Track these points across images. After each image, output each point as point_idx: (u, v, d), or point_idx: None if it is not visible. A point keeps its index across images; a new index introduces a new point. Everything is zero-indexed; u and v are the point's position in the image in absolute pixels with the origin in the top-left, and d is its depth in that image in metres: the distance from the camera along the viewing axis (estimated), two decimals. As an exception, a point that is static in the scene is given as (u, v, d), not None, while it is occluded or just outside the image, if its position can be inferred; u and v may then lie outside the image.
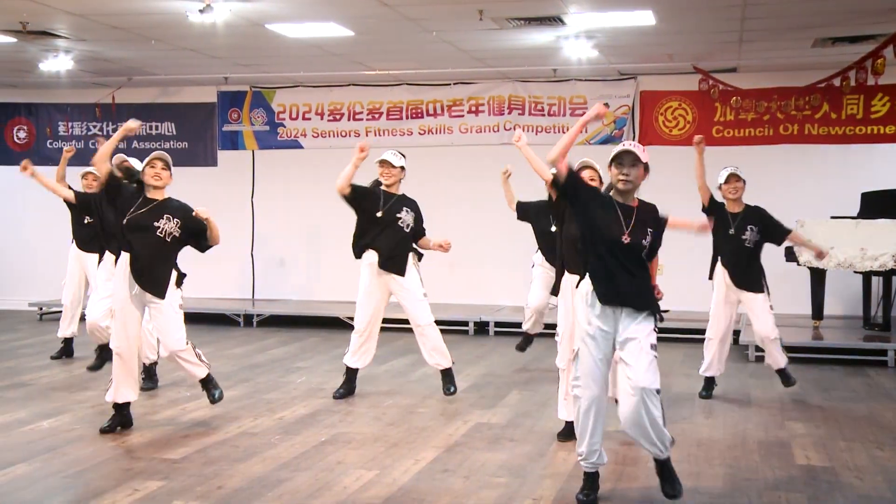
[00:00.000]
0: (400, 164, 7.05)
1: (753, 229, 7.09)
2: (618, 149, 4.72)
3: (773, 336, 7.15)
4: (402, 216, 7.04)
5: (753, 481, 5.14)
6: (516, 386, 7.77)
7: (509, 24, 8.36)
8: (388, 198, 7.07)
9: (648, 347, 4.59)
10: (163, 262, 5.96)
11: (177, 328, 6.03)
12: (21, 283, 12.80)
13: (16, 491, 4.88)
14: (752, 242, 7.10)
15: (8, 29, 8.70)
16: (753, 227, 7.09)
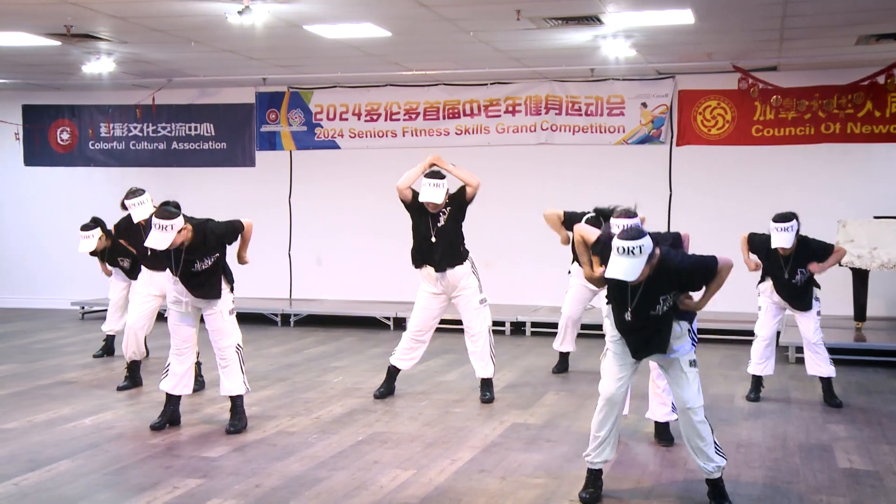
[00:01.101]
0: (444, 194, 6.89)
1: (804, 272, 6.96)
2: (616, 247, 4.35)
3: (814, 340, 7.04)
4: (442, 221, 7.02)
5: (794, 484, 5.08)
6: (553, 387, 7.74)
7: (547, 23, 8.33)
8: (436, 218, 7.00)
9: (688, 366, 4.61)
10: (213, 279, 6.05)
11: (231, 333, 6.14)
12: (64, 282, 12.99)
13: (60, 486, 4.96)
14: (802, 282, 7.01)
15: (53, 32, 8.83)
16: (804, 269, 6.95)
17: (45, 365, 8.62)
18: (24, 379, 7.95)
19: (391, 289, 12.01)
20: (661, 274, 4.48)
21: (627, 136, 11.26)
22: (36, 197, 13.25)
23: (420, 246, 7.08)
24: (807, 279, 7.00)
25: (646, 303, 4.51)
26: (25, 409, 6.80)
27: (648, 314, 4.53)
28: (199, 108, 12.66)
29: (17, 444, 5.80)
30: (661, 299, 4.52)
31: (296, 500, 4.74)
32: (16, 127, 13.00)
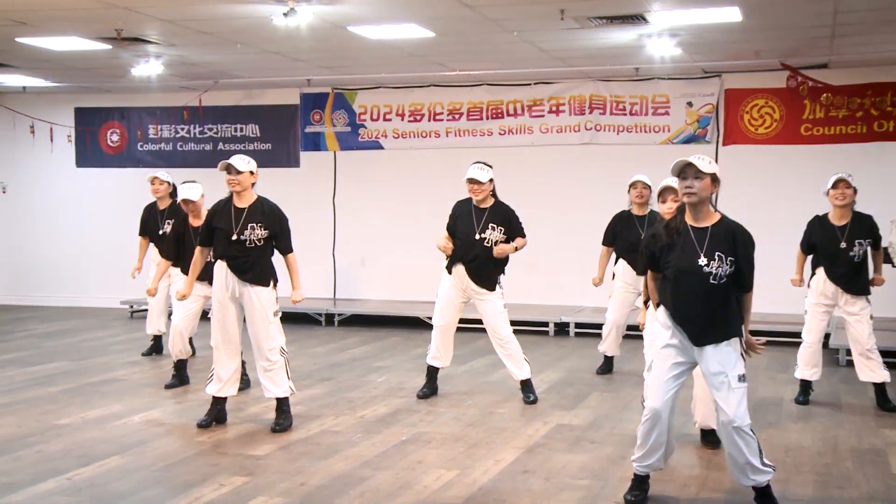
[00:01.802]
0: (488, 178, 6.97)
1: (863, 243, 6.81)
2: (677, 163, 4.50)
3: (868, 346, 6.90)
4: (487, 235, 7.00)
5: (846, 490, 4.99)
6: (597, 388, 7.70)
7: (591, 22, 8.28)
8: (480, 215, 7.02)
9: (736, 381, 4.49)
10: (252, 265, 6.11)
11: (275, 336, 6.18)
12: (113, 281, 13.19)
13: (110, 482, 5.04)
14: (860, 257, 6.85)
15: (104, 36, 8.99)
16: (863, 240, 6.80)
17: (96, 363, 8.77)
18: (75, 376, 8.09)
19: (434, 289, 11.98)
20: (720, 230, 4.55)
21: (672, 135, 11.16)
22: (87, 197, 13.48)
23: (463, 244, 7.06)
24: (863, 255, 6.82)
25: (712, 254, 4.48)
26: (77, 405, 6.92)
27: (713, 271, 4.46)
28: (245, 110, 12.79)
29: (70, 439, 5.91)
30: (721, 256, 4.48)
31: (340, 499, 4.77)
32: (68, 129, 13.25)
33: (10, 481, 5.02)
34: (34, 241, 13.72)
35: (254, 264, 6.09)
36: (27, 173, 13.64)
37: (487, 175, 6.96)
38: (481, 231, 6.99)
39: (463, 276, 7.07)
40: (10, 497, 4.76)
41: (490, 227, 6.99)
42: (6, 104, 13.29)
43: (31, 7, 7.83)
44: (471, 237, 6.99)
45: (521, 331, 7.34)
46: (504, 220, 7.04)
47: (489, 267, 7.03)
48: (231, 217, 6.08)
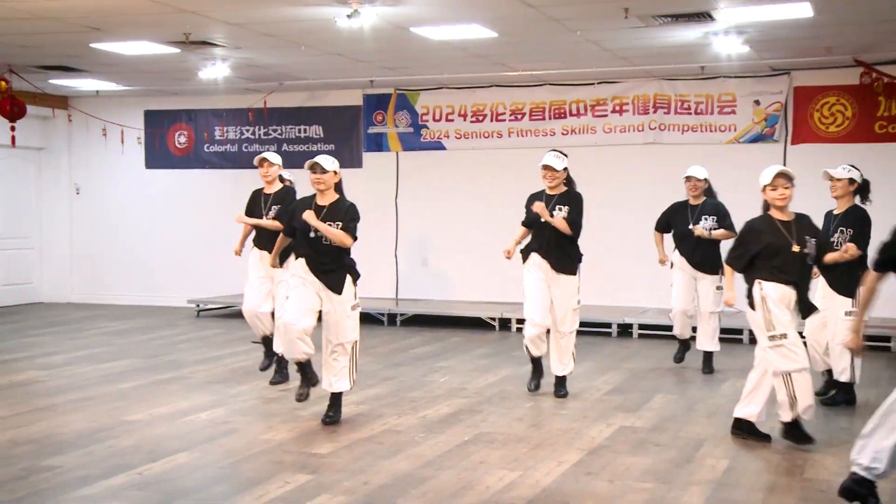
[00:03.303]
0: (562, 167, 7.07)
1: None
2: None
3: None
4: (555, 215, 7.06)
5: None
6: (661, 389, 7.61)
7: (656, 21, 8.19)
8: (549, 199, 7.12)
9: None
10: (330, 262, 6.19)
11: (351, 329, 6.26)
12: (180, 280, 13.46)
13: (178, 478, 5.14)
14: None
15: (173, 40, 9.18)
16: None
17: (164, 360, 8.94)
18: (144, 373, 8.27)
19: (497, 289, 12.02)
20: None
21: (739, 134, 10.98)
22: (155, 198, 13.76)
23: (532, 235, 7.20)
24: None
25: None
26: (147, 402, 7.07)
27: None
28: (308, 111, 12.93)
29: (140, 435, 6.04)
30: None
31: (403, 499, 4.79)
32: (138, 131, 13.54)
33: (84, 475, 5.15)
34: (106, 241, 14.05)
35: (332, 265, 6.19)
36: (99, 175, 13.99)
37: (562, 163, 7.07)
38: (550, 214, 7.04)
39: (540, 262, 7.12)
40: (84, 490, 4.88)
41: (557, 209, 7.07)
42: (80, 108, 13.64)
43: (105, 13, 8.03)
44: (539, 221, 7.05)
45: (583, 332, 7.32)
46: (569, 201, 7.11)
47: (561, 248, 7.08)
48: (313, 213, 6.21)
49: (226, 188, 13.23)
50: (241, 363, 8.76)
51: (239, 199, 12.86)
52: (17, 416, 6.59)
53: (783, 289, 5.66)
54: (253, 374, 8.13)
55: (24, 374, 8.23)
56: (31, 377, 8.08)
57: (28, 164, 13.91)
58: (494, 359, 9.12)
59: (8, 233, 13.57)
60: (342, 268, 6.25)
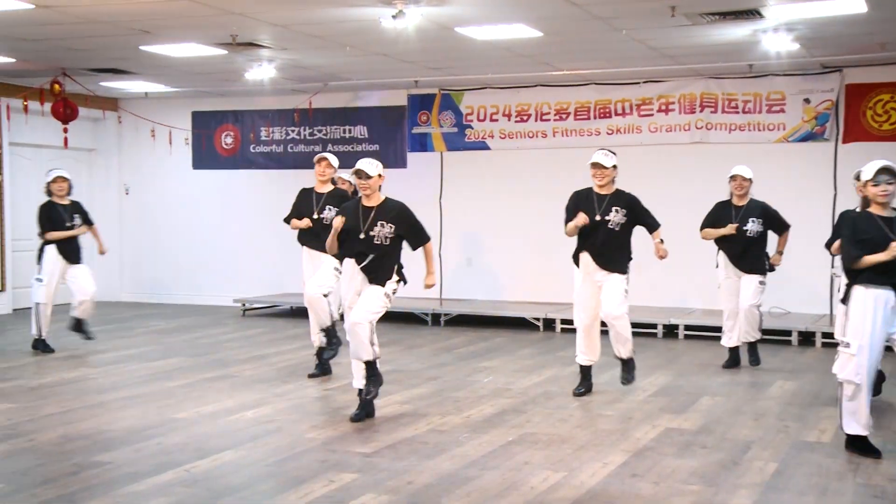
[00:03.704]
0: (612, 164, 7.03)
1: None
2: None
3: None
4: (610, 217, 7.00)
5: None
6: (708, 391, 7.52)
7: (703, 19, 8.10)
8: (601, 199, 7.07)
9: None
10: (381, 260, 6.29)
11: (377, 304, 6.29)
12: (226, 280, 13.61)
13: (224, 476, 5.19)
14: None
15: (220, 42, 9.28)
16: None
17: (210, 359, 9.04)
18: (191, 372, 8.37)
19: (541, 290, 11.99)
20: None
21: (788, 133, 10.82)
22: (202, 198, 13.93)
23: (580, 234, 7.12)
24: None
25: None
26: (194, 400, 7.15)
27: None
28: (353, 111, 12.99)
29: (187, 433, 6.12)
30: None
31: (447, 498, 4.79)
32: (186, 132, 13.72)
33: (133, 471, 5.23)
34: (154, 241, 14.26)
35: (381, 265, 6.27)
36: (148, 175, 14.19)
37: (611, 161, 7.02)
38: (603, 214, 6.99)
39: (589, 262, 7.07)
40: (133, 486, 4.95)
41: (613, 210, 7.01)
42: (129, 109, 13.85)
43: (154, 16, 8.14)
44: (591, 220, 6.99)
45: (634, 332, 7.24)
46: (626, 203, 7.05)
47: (612, 248, 7.04)
48: (360, 216, 6.31)
49: (271, 188, 13.35)
50: (286, 362, 8.83)
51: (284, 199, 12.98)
52: (68, 412, 6.71)
53: (877, 292, 5.38)
54: (298, 373, 8.19)
55: (76, 371, 8.38)
56: (82, 374, 8.23)
57: (79, 165, 14.15)
58: (539, 359, 9.10)
59: (60, 232, 13.81)
60: (391, 270, 6.34)
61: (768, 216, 8.25)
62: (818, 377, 8.12)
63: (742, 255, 8.25)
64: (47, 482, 5.02)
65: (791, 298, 10.43)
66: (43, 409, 6.81)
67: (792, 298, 10.44)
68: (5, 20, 8.33)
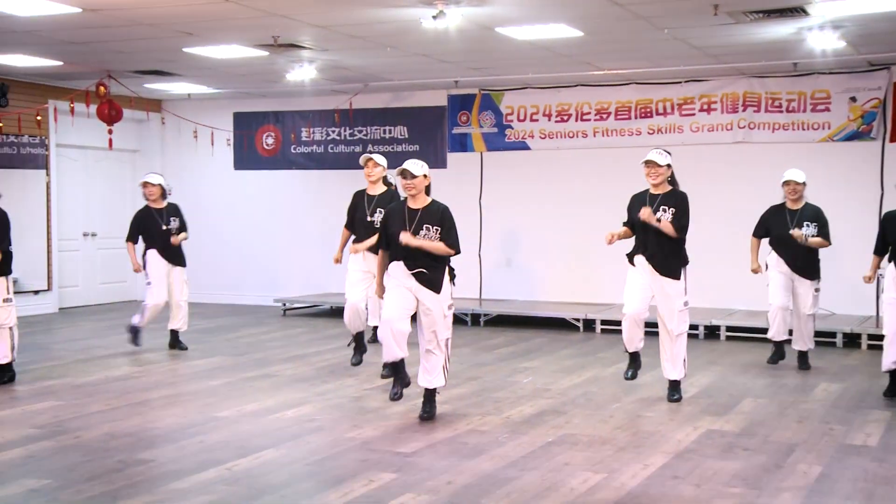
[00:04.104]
0: (666, 163, 6.93)
1: None
2: None
3: None
4: (660, 216, 6.91)
5: None
6: (750, 393, 7.43)
7: (746, 17, 8.01)
8: (653, 200, 6.99)
9: None
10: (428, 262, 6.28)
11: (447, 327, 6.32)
12: (267, 280, 13.72)
13: (265, 474, 5.23)
14: None
15: (262, 43, 9.36)
16: None
17: (251, 358, 9.12)
18: (232, 371, 8.45)
19: (581, 290, 11.93)
20: None
21: (833, 132, 10.66)
22: (243, 199, 14.05)
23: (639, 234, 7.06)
24: None
25: None
26: (235, 399, 7.22)
27: None
28: (393, 112, 13.03)
29: (229, 431, 6.17)
30: None
31: (487, 499, 4.78)
32: (227, 133, 13.85)
33: (176, 468, 5.29)
34: (195, 241, 14.35)
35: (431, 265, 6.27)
36: (190, 176, 14.34)
37: (665, 159, 6.93)
38: (654, 213, 6.90)
39: (644, 264, 6.99)
40: (176, 484, 5.01)
41: (661, 210, 6.92)
42: (172, 111, 14.03)
43: (197, 18, 8.23)
44: (642, 222, 6.91)
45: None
46: (674, 202, 6.95)
47: (666, 251, 6.93)
48: (405, 218, 6.28)
49: (312, 189, 13.44)
50: (326, 362, 8.89)
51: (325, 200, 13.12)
52: (113, 410, 6.81)
53: None
54: (338, 373, 8.24)
55: (120, 369, 8.50)
56: (126, 373, 8.34)
57: (123, 166, 14.36)
58: (579, 360, 9.06)
59: (105, 232, 14.02)
60: (441, 267, 6.34)
61: (820, 222, 8.19)
62: (864, 379, 7.99)
63: (797, 259, 8.25)
64: (93, 478, 5.10)
65: (836, 300, 10.27)
66: (89, 406, 6.92)
67: (837, 300, 10.28)
68: (53, 24, 8.48)
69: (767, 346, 8.95)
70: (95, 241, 13.90)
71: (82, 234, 13.70)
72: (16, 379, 7.83)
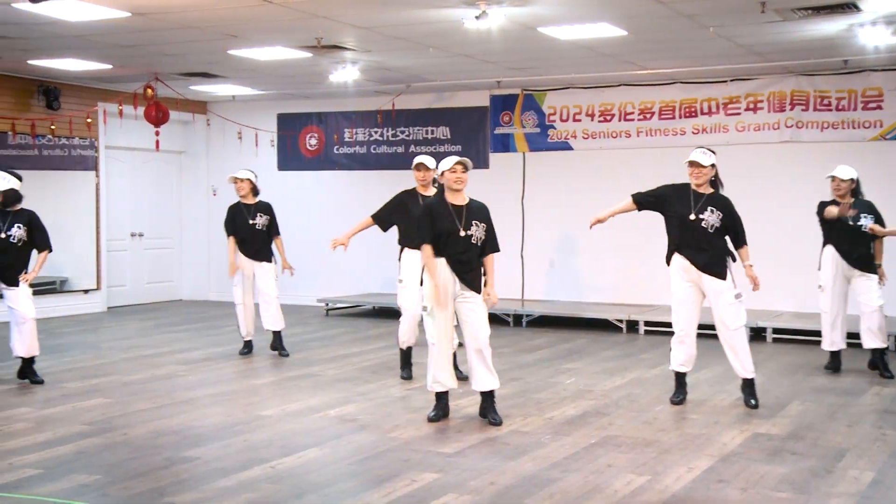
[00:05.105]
0: (710, 163, 6.81)
1: None
2: None
3: None
4: (706, 216, 6.79)
5: None
6: (798, 396, 7.32)
7: (795, 14, 7.89)
8: (698, 198, 6.86)
9: None
10: (473, 262, 6.30)
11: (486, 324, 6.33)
12: (310, 280, 13.78)
13: (309, 473, 5.26)
14: None
15: (305, 45, 9.43)
16: None
17: (295, 358, 9.18)
18: (276, 370, 8.51)
19: (624, 291, 11.85)
20: None
21: (885, 130, 10.47)
22: (287, 200, 14.10)
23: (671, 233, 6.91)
24: None
25: None
26: (279, 398, 7.28)
27: None
28: (436, 112, 13.04)
29: (273, 430, 6.22)
30: None
31: (530, 500, 4.76)
32: (271, 134, 13.97)
33: (221, 466, 5.34)
34: (240, 241, 14.52)
35: (475, 264, 6.28)
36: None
37: (709, 159, 6.80)
38: (698, 213, 6.78)
39: (688, 266, 6.84)
40: (222, 482, 5.06)
41: (709, 210, 6.79)
42: (217, 112, 14.18)
43: (242, 21, 8.31)
44: (686, 218, 6.79)
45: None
46: (723, 206, 6.85)
47: (712, 252, 6.80)
48: (453, 215, 6.26)
49: (354, 189, 13.49)
50: (369, 361, 8.92)
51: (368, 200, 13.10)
52: (159, 408, 6.89)
53: None
54: (381, 373, 8.26)
55: (166, 368, 8.60)
56: (171, 371, 8.44)
57: (169, 167, 14.56)
58: (622, 361, 8.99)
59: (152, 232, 14.22)
60: (480, 265, 6.35)
61: (875, 213, 7.95)
62: (916, 383, 7.84)
63: (852, 249, 7.90)
64: (140, 475, 5.16)
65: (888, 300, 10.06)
66: (135, 404, 7.02)
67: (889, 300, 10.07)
68: (103, 28, 8.61)
69: (815, 349, 8.80)
70: (142, 242, 14.11)
71: (129, 235, 13.90)
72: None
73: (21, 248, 7.66)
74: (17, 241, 7.61)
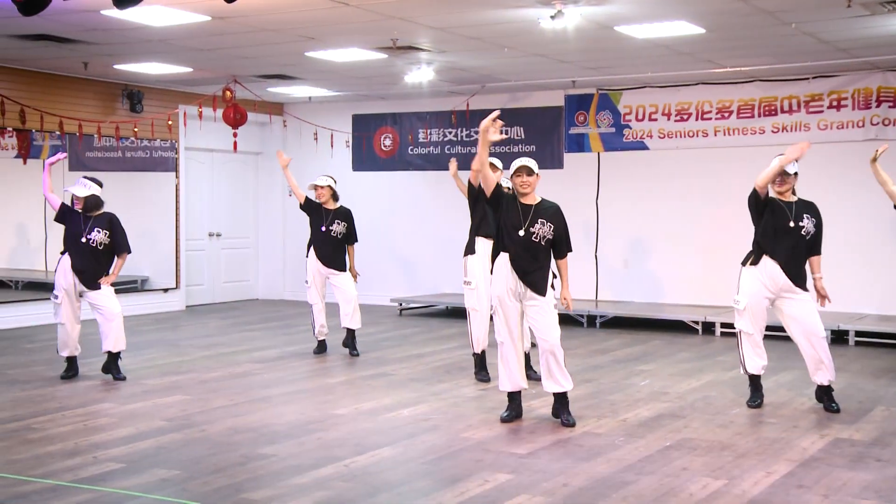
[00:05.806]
0: (793, 171, 6.72)
1: None
2: None
3: None
4: (805, 224, 6.70)
5: None
6: (883, 401, 7.11)
7: (883, 8, 7.65)
8: (789, 206, 6.76)
9: None
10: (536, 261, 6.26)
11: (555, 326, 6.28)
12: (383, 279, 13.89)
13: (382, 472, 5.30)
14: None
15: (381, 46, 9.51)
16: None
17: (368, 357, 9.25)
18: (350, 369, 8.60)
19: (700, 292, 11.66)
20: None
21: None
22: (361, 200, 14.25)
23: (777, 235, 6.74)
24: None
25: None
26: (352, 397, 7.35)
27: None
28: (510, 112, 12.98)
29: (346, 429, 6.28)
30: None
31: (603, 502, 4.72)
32: (346, 135, 14.12)
33: (296, 464, 5.42)
34: (315, 241, 14.71)
35: (538, 264, 6.24)
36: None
37: (793, 168, 6.72)
38: (796, 220, 6.67)
39: (777, 274, 6.69)
40: (297, 479, 5.13)
41: (805, 218, 6.71)
42: (294, 113, 14.39)
43: (319, 23, 8.42)
44: (785, 225, 6.67)
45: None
46: (815, 214, 6.80)
47: (802, 261, 6.74)
48: (519, 212, 6.26)
49: (428, 189, 13.56)
50: (442, 361, 8.94)
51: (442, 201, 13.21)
52: (236, 405, 7.02)
53: None
54: (454, 373, 8.28)
55: (242, 366, 8.76)
56: (247, 370, 8.60)
57: (246, 168, 14.83)
58: (697, 363, 8.85)
59: (229, 233, 14.50)
60: (546, 267, 6.28)
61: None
62: None
63: None
64: (218, 471, 5.27)
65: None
66: (213, 401, 7.16)
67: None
68: (184, 32, 8.82)
69: (901, 354, 8.55)
70: (220, 241, 14.39)
71: (207, 235, 14.19)
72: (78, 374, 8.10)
73: (102, 252, 7.88)
74: (98, 245, 7.83)
